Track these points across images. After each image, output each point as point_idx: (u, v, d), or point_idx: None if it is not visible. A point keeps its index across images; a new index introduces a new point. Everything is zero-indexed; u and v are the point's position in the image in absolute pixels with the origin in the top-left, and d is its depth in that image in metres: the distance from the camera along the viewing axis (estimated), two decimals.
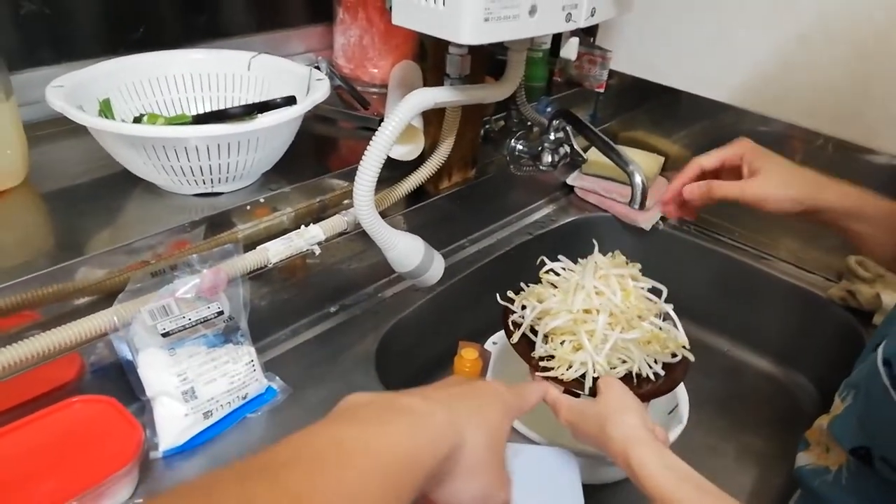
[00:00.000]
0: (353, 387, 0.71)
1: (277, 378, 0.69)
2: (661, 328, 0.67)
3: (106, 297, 0.62)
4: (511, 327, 0.71)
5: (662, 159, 1.14)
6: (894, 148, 0.90)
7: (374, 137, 0.65)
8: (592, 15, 0.71)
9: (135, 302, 0.59)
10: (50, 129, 0.76)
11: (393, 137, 0.66)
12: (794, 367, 1.04)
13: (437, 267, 0.78)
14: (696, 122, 1.14)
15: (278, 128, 0.65)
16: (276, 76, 0.78)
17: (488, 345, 0.95)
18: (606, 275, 0.69)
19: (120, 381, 0.62)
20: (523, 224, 1.08)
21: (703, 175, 0.74)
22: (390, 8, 0.66)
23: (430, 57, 0.81)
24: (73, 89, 0.65)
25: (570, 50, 0.75)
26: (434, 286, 0.81)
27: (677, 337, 0.68)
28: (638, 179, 0.75)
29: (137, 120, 0.73)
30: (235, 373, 0.63)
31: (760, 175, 0.68)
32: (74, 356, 0.60)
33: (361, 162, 0.66)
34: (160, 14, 0.89)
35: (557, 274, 0.73)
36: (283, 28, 1.03)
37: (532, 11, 0.64)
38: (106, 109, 0.68)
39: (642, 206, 0.76)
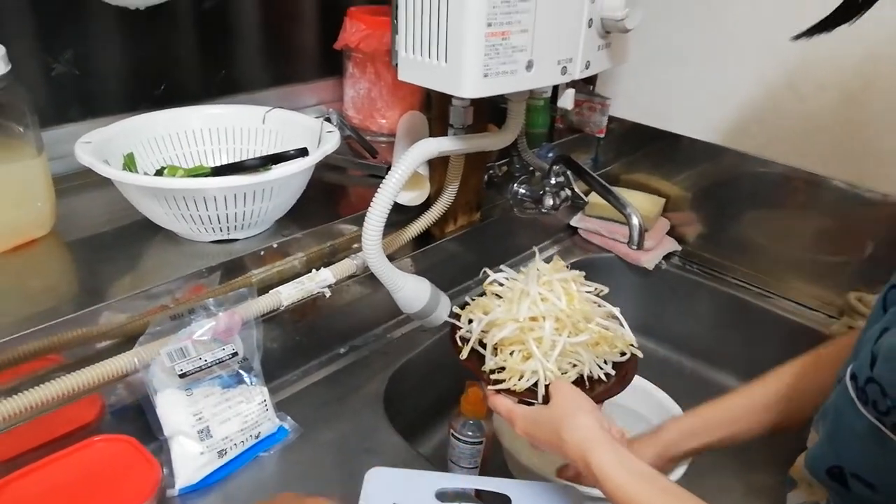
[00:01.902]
0: (362, 426, 0.73)
1: (289, 418, 0.71)
2: (607, 328, 0.67)
3: (127, 340, 0.65)
4: (459, 343, 0.70)
5: (663, 201, 1.17)
6: (885, 187, 0.93)
7: (381, 185, 0.69)
8: (587, 68, 0.75)
9: (154, 344, 0.62)
10: (76, 182, 0.81)
11: (399, 185, 0.69)
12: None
13: (443, 307, 0.81)
14: (695, 164, 1.17)
15: (291, 178, 0.69)
16: (289, 129, 0.82)
17: None
18: (549, 281, 0.69)
19: (138, 420, 0.64)
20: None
21: None
22: (396, 65, 0.71)
23: (434, 108, 0.86)
24: (99, 145, 0.70)
25: (566, 100, 0.79)
26: (441, 326, 0.83)
27: (624, 335, 0.69)
28: (635, 221, 0.78)
29: (159, 172, 0.77)
30: (249, 412, 0.66)
31: None
32: (95, 397, 0.62)
33: (370, 208, 0.69)
34: (180, 72, 0.94)
35: (501, 284, 0.72)
36: (296, 82, 1.09)
37: (529, 66, 0.68)
38: (130, 163, 0.73)
39: (640, 245, 0.78)
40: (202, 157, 0.82)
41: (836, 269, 1.03)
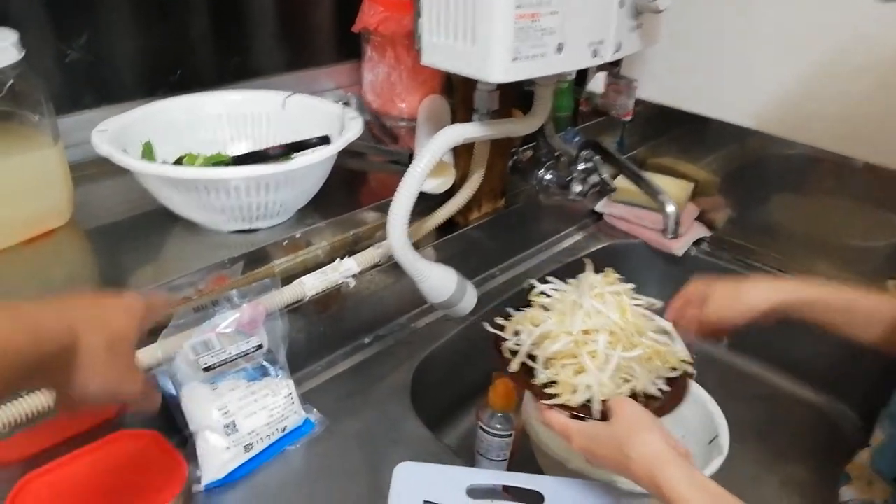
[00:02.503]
0: (388, 418, 0.72)
1: (315, 410, 0.70)
2: (660, 343, 0.66)
3: (149, 332, 0.63)
4: (507, 355, 0.68)
5: (692, 185, 1.14)
6: None
7: (406, 174, 0.67)
8: (618, 50, 0.72)
9: (178, 337, 0.60)
10: (93, 170, 0.79)
11: (425, 174, 0.67)
12: (836, 396, 1.02)
13: (469, 297, 0.79)
14: (724, 147, 1.14)
15: (313, 167, 0.67)
16: (309, 114, 0.80)
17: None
18: (602, 293, 0.67)
19: (162, 414, 0.63)
20: (553, 252, 1.08)
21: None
22: (419, 49, 0.69)
23: (458, 92, 0.83)
24: (116, 133, 0.68)
25: (596, 84, 0.77)
26: (466, 316, 0.81)
27: (677, 351, 0.67)
28: (670, 209, 0.75)
29: (178, 161, 0.75)
30: (275, 406, 0.64)
31: (710, 300, 0.73)
32: None
33: (395, 197, 0.68)
34: (196, 57, 0.92)
35: (548, 296, 0.70)
36: (313, 66, 1.06)
37: (559, 49, 0.65)
38: (148, 152, 0.71)
39: (676, 235, 0.76)
40: (221, 145, 0.80)
41: (870, 254, 1.00)
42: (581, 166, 0.88)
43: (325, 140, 0.65)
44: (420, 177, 0.67)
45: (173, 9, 0.88)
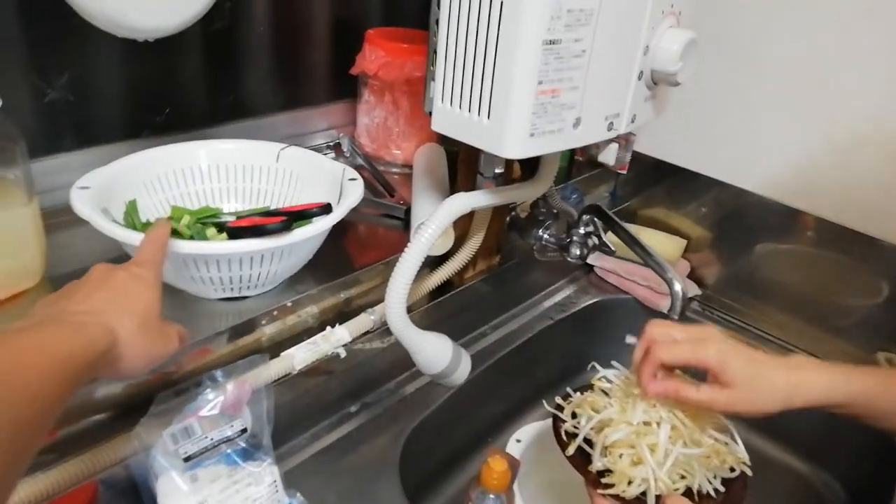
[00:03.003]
0: (376, 501, 0.68)
1: (298, 495, 0.65)
2: (722, 442, 0.64)
3: (124, 411, 0.59)
4: (564, 437, 0.67)
5: (685, 242, 1.13)
6: None
7: (408, 247, 0.63)
8: (633, 122, 0.70)
9: (157, 424, 0.55)
10: (67, 216, 0.72)
11: (427, 248, 0.64)
12: (821, 465, 1.01)
13: (464, 367, 0.75)
14: (720, 206, 1.12)
15: (313, 238, 0.63)
16: (305, 169, 0.76)
17: (511, 442, 0.92)
18: None
19: (134, 501, 0.58)
20: (544, 307, 1.05)
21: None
22: (430, 112, 0.65)
23: (461, 151, 0.80)
24: (98, 190, 0.63)
25: (608, 156, 0.74)
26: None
27: (737, 451, 0.65)
28: (677, 288, 0.73)
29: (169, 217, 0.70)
30: (258, 496, 0.60)
31: (730, 389, 0.60)
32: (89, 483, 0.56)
33: (395, 271, 0.64)
34: (185, 96, 0.87)
35: (609, 381, 0.69)
36: (308, 106, 1.02)
37: (576, 124, 0.63)
38: (132, 213, 0.66)
39: (681, 315, 0.73)
40: (209, 197, 0.76)
41: (864, 326, 0.99)
42: (582, 230, 0.85)
43: (326, 209, 0.61)
44: (423, 251, 0.64)
45: (162, 46, 0.82)
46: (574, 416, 0.67)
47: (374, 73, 0.93)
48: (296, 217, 0.61)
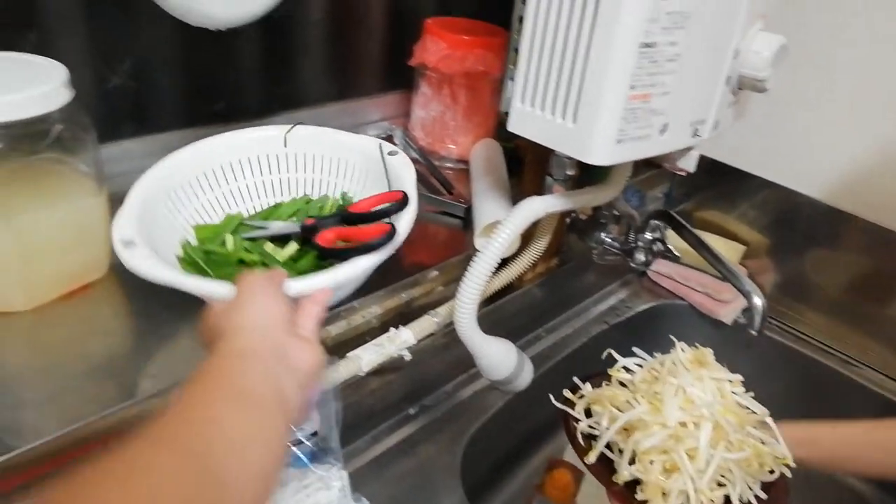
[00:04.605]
0: None
1: (364, 499, 0.64)
2: (763, 442, 0.58)
3: None
4: (581, 441, 0.60)
5: (743, 248, 1.09)
6: None
7: (481, 253, 0.62)
8: (716, 128, 0.67)
9: None
10: None
11: (502, 252, 0.62)
12: (887, 489, 0.97)
13: (526, 374, 0.74)
14: (776, 209, 1.09)
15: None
16: (327, 150, 0.76)
17: (568, 449, 0.90)
18: (701, 377, 0.60)
19: None
20: (598, 311, 1.03)
21: None
22: (506, 113, 0.63)
23: (528, 153, 0.78)
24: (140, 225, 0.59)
25: (689, 162, 0.71)
26: None
27: (776, 450, 0.58)
28: (757, 301, 0.70)
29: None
30: (328, 501, 0.59)
31: None
32: None
33: (467, 274, 0.62)
34: (240, 87, 0.86)
35: (630, 371, 0.63)
36: (361, 97, 1.00)
37: (663, 130, 0.60)
38: (193, 252, 0.64)
39: (760, 331, 0.71)
40: (231, 202, 0.73)
41: None
42: (649, 236, 0.83)
43: (403, 202, 0.59)
44: (497, 256, 0.62)
45: (222, 34, 0.81)
46: (588, 413, 0.61)
47: (434, 66, 0.91)
48: (372, 217, 0.59)
